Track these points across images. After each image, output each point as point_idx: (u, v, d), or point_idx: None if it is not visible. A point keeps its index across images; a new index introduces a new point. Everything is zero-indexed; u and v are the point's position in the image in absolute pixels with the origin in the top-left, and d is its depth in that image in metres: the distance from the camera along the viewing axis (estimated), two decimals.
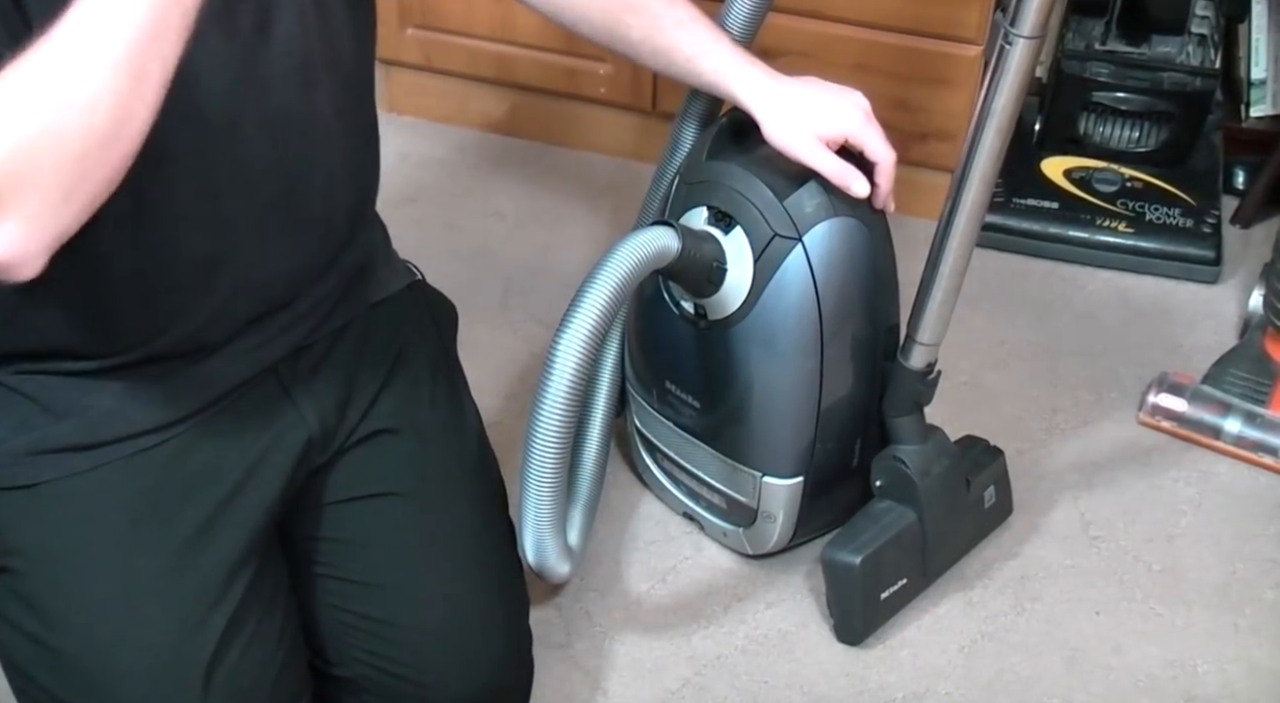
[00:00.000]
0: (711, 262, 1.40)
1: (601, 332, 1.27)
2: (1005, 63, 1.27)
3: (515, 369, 1.89)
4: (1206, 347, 1.93)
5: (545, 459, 1.28)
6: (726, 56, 1.36)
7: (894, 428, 1.52)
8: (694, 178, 1.47)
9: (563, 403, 1.26)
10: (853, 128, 1.36)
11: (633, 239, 1.32)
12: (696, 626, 1.57)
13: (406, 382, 1.30)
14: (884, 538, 1.50)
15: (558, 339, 1.26)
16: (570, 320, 1.26)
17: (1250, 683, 1.52)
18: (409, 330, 1.33)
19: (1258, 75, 2.19)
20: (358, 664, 1.27)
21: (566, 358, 1.25)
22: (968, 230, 1.38)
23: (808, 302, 1.41)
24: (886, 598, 1.54)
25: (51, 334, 1.11)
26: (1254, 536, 1.68)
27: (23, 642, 1.14)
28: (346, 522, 1.27)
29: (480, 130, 2.34)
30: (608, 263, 1.29)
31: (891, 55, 2.01)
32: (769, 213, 1.39)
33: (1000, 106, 1.29)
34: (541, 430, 1.27)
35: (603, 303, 1.26)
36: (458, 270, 1.98)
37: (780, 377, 1.46)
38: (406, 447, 1.29)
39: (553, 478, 1.29)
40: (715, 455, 1.55)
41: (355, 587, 1.26)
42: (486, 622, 1.29)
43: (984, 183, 1.34)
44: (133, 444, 1.13)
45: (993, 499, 1.64)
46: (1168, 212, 2.07)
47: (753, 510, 1.55)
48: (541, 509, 1.32)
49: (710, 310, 1.45)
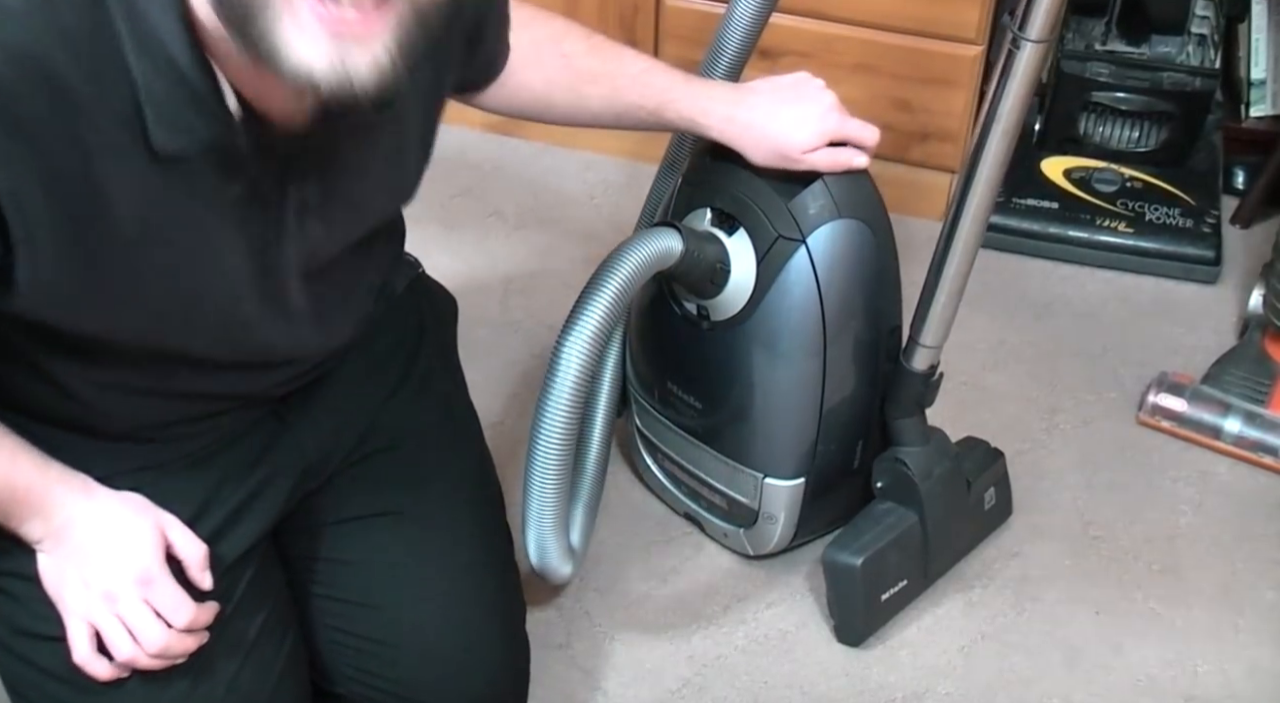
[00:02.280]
0: (715, 263, 1.40)
1: (606, 333, 1.27)
2: (1012, 66, 1.26)
3: (515, 369, 1.89)
4: (1206, 347, 1.93)
5: (549, 460, 1.28)
6: (688, 101, 1.35)
7: (896, 430, 1.52)
8: (697, 179, 1.47)
9: (567, 404, 1.26)
10: (831, 128, 1.36)
11: (636, 241, 1.32)
12: (696, 626, 1.57)
13: (407, 392, 1.30)
14: (885, 540, 1.50)
15: (562, 340, 1.26)
16: (574, 322, 1.26)
17: (1250, 683, 1.52)
18: (409, 337, 1.32)
19: (1258, 75, 2.19)
20: (354, 683, 1.27)
21: (570, 359, 1.25)
22: (972, 233, 1.38)
23: (811, 303, 1.41)
24: (887, 599, 1.54)
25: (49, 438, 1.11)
26: (1254, 536, 1.68)
27: (18, 664, 1.13)
28: (344, 542, 1.27)
29: (480, 130, 2.34)
30: (612, 265, 1.29)
31: (892, 55, 2.01)
32: (773, 214, 1.39)
33: (1006, 110, 1.29)
34: (545, 432, 1.27)
35: (606, 304, 1.26)
36: (458, 270, 1.98)
37: (783, 378, 1.46)
38: (404, 461, 1.29)
39: (556, 479, 1.30)
40: (716, 457, 1.55)
41: (352, 607, 1.26)
42: (482, 639, 1.29)
43: (989, 185, 1.34)
44: (130, 479, 1.12)
45: (993, 501, 1.64)
46: (1168, 212, 2.07)
47: (754, 511, 1.55)
48: (545, 510, 1.32)
49: (713, 311, 1.45)
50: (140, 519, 1.09)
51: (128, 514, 1.09)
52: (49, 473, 1.07)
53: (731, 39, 1.45)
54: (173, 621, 1.08)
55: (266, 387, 1.17)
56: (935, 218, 2.13)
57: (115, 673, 1.08)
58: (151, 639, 1.07)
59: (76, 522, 1.07)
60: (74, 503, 1.08)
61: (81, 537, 1.07)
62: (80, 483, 1.09)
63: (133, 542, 1.08)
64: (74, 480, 1.08)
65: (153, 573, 1.08)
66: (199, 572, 1.10)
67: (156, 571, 1.08)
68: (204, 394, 1.12)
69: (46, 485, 1.06)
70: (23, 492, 1.05)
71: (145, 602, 1.07)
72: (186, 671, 1.11)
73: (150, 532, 1.09)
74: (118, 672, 1.08)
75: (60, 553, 1.08)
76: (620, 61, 1.35)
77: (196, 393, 1.11)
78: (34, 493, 1.06)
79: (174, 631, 1.08)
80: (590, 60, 1.34)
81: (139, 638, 1.07)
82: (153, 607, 1.07)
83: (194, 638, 1.10)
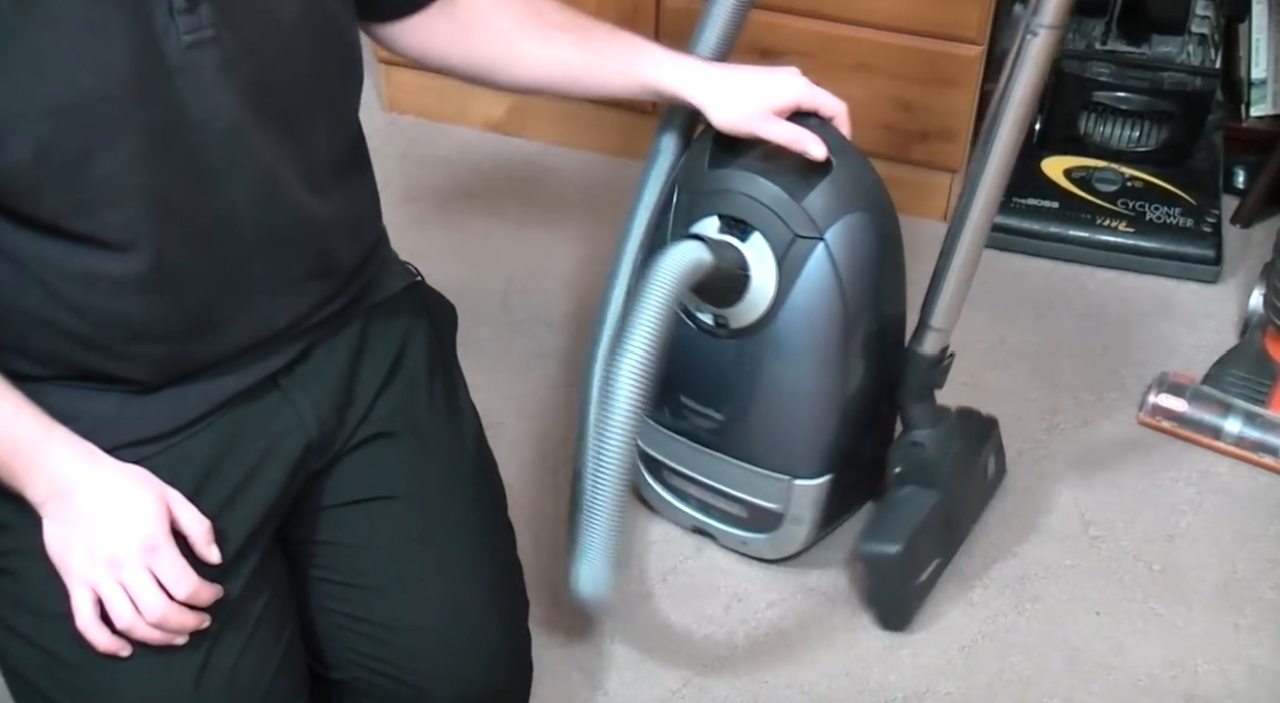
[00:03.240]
0: (737, 271, 1.40)
1: (657, 355, 1.25)
2: (1026, 53, 1.29)
3: (515, 369, 1.89)
4: (1206, 347, 1.93)
5: (610, 491, 1.26)
6: (661, 54, 1.36)
7: (909, 414, 1.53)
8: (699, 188, 1.45)
9: (626, 433, 1.24)
10: (800, 93, 1.37)
11: (668, 258, 1.31)
12: (696, 626, 1.57)
13: (405, 383, 1.30)
14: (915, 523, 1.51)
15: (617, 369, 1.24)
16: (626, 348, 1.24)
17: (1250, 683, 1.52)
18: (408, 332, 1.33)
19: (1258, 75, 2.19)
20: (355, 667, 1.27)
21: (627, 386, 1.23)
22: (985, 209, 1.39)
23: (833, 299, 1.41)
24: (922, 581, 1.56)
25: (47, 360, 1.12)
26: (1254, 536, 1.68)
27: (19, 644, 1.14)
28: (344, 525, 1.27)
29: (480, 130, 2.34)
30: (651, 286, 1.27)
31: (892, 55, 2.01)
32: (787, 215, 1.39)
33: (1020, 97, 1.32)
34: (605, 461, 1.25)
35: (654, 326, 1.25)
36: (458, 270, 1.97)
37: (808, 377, 1.46)
38: (404, 449, 1.29)
39: (617, 509, 1.28)
40: (738, 464, 1.53)
41: (353, 590, 1.26)
42: (484, 624, 1.29)
43: (1005, 159, 1.36)
44: (133, 452, 1.13)
45: (994, 468, 1.67)
46: (1168, 211, 2.07)
47: (779, 515, 1.55)
48: (606, 542, 1.30)
49: (732, 320, 1.44)
50: (145, 489, 1.10)
51: (133, 484, 1.10)
52: (54, 432, 1.09)
53: (709, 38, 1.44)
54: (175, 591, 1.09)
55: (254, 316, 1.17)
56: (936, 218, 2.13)
57: (114, 644, 1.09)
58: (152, 607, 1.08)
59: (81, 486, 1.09)
60: (78, 466, 1.09)
61: (86, 502, 1.09)
62: (85, 447, 1.10)
63: (138, 510, 1.09)
64: (78, 444, 1.10)
65: (157, 541, 1.09)
66: (205, 546, 1.12)
67: (161, 539, 1.09)
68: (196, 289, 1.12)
69: (50, 442, 1.08)
70: (26, 443, 1.07)
71: (148, 570, 1.08)
72: (191, 651, 1.12)
73: (155, 502, 1.10)
74: (116, 643, 1.09)
75: (64, 518, 1.09)
76: (589, 20, 1.37)
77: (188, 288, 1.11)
78: (38, 447, 1.07)
79: (174, 603, 1.09)
80: (561, 15, 1.35)
81: (140, 605, 1.08)
82: (155, 576, 1.08)
83: (194, 616, 1.10)
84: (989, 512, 1.69)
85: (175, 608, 1.09)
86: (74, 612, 1.08)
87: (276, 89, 1.10)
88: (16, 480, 1.08)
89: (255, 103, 1.08)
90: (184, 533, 1.11)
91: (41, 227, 1.04)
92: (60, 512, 1.09)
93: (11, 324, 1.10)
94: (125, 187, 1.03)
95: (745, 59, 2.07)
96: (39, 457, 1.08)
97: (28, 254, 1.06)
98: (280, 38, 1.10)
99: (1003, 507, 1.71)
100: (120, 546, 1.08)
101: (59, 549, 1.09)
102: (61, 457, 1.09)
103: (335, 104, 1.20)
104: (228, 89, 1.06)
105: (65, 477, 1.08)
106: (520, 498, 1.36)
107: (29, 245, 1.05)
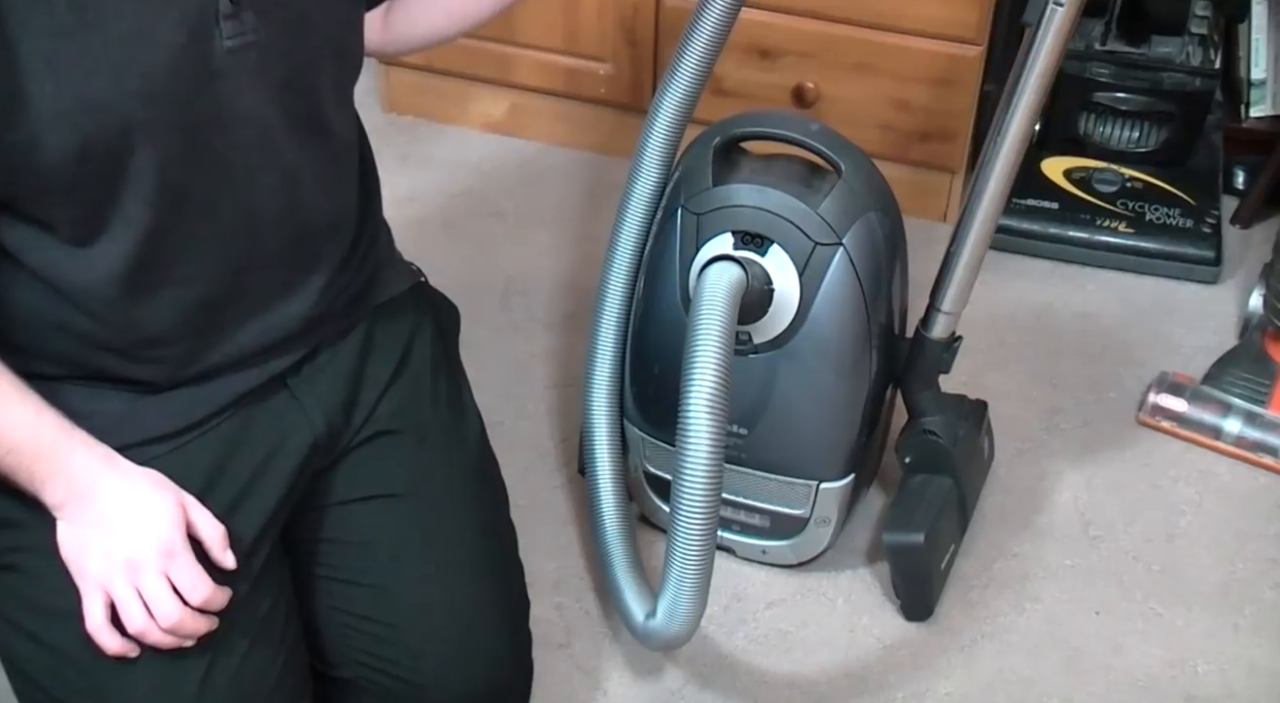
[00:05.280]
0: (764, 286, 1.39)
1: (727, 385, 1.24)
2: (1048, 26, 1.31)
3: (516, 369, 1.89)
4: (1206, 347, 1.93)
5: (696, 524, 1.26)
6: None
7: (918, 402, 1.54)
8: (706, 206, 1.42)
9: (713, 470, 1.23)
10: None
11: (713, 285, 1.30)
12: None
13: (410, 383, 1.31)
14: (935, 510, 1.52)
15: (689, 404, 1.23)
16: (695, 380, 1.23)
17: (1250, 683, 1.52)
18: (413, 332, 1.33)
19: (1258, 75, 2.19)
20: (357, 666, 1.27)
21: (704, 420, 1.22)
22: (998, 190, 1.40)
23: (856, 303, 1.41)
24: (943, 567, 1.57)
25: (63, 361, 1.13)
26: (1254, 536, 1.68)
27: (25, 642, 1.14)
28: (348, 523, 1.27)
29: (480, 130, 2.34)
30: (706, 316, 1.26)
31: (892, 55, 2.01)
32: (805, 224, 1.39)
33: (1042, 70, 1.34)
34: (690, 494, 1.24)
35: (719, 356, 1.24)
36: (458, 270, 1.97)
37: (835, 381, 1.46)
38: (408, 448, 1.29)
39: (706, 544, 1.27)
40: (761, 476, 1.53)
41: (355, 589, 1.26)
42: (485, 623, 1.29)
43: (1019, 136, 1.37)
44: (142, 452, 1.13)
45: (989, 449, 1.69)
46: (1168, 212, 2.07)
47: (804, 520, 1.55)
48: (696, 582, 1.30)
49: (756, 334, 1.43)
50: (162, 495, 1.11)
51: (150, 488, 1.10)
52: (74, 435, 1.09)
53: (700, 37, 1.39)
54: (190, 597, 1.09)
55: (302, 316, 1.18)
56: (935, 218, 2.13)
57: (124, 647, 1.09)
58: (167, 612, 1.08)
59: (101, 490, 1.09)
60: (97, 469, 1.09)
61: (105, 505, 1.09)
62: (103, 451, 1.10)
63: (157, 515, 1.09)
64: (97, 448, 1.10)
65: (176, 546, 1.09)
66: (220, 552, 1.12)
67: (179, 544, 1.09)
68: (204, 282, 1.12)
69: (70, 446, 1.08)
70: (47, 447, 1.07)
71: (164, 575, 1.08)
72: (198, 653, 1.12)
73: (173, 507, 1.10)
74: (126, 647, 1.09)
75: (82, 521, 1.09)
76: None
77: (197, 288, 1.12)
78: (58, 451, 1.08)
79: (188, 609, 1.09)
80: None
81: (154, 611, 1.08)
82: (171, 581, 1.08)
83: (205, 620, 1.11)
84: (989, 512, 1.69)
85: (189, 614, 1.09)
86: (85, 615, 1.08)
87: (303, 91, 1.12)
88: (35, 483, 1.08)
89: (285, 105, 1.10)
90: (199, 538, 1.11)
91: (57, 231, 1.05)
92: (78, 514, 1.09)
93: (30, 327, 1.10)
94: (155, 187, 1.04)
95: (745, 59, 2.08)
96: (60, 460, 1.08)
97: (43, 260, 1.06)
98: (311, 41, 1.11)
99: (1003, 507, 1.71)
100: (138, 550, 1.08)
101: (74, 551, 1.09)
102: (82, 460, 1.09)
103: (345, 103, 1.21)
104: (263, 92, 1.07)
105: (85, 480, 1.08)
106: (520, 498, 1.36)
107: (45, 251, 1.06)
